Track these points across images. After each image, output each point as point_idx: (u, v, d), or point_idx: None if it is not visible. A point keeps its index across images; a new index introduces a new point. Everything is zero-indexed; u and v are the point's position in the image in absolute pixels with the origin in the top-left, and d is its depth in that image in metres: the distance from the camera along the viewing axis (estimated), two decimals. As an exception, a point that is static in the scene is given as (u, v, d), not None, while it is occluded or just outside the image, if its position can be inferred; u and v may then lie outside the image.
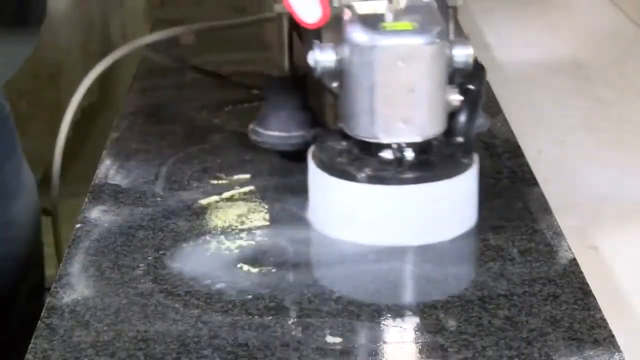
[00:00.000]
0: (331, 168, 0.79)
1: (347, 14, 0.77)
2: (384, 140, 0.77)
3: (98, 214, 0.86)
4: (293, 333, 0.69)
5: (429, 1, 0.80)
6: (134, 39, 1.12)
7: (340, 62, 0.76)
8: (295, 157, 0.89)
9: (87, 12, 1.99)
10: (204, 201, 0.88)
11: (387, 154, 0.77)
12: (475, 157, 0.80)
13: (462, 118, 0.81)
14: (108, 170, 0.95)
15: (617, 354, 0.66)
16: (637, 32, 1.51)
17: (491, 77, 1.19)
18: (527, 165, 0.93)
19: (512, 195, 0.87)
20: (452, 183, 0.78)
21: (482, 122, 0.89)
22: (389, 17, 0.76)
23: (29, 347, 0.69)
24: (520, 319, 0.69)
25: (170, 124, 1.07)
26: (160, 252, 0.80)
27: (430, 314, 0.70)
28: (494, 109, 1.08)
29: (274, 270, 0.77)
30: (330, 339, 0.68)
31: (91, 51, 1.96)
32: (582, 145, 1.16)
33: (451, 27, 0.87)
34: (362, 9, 0.77)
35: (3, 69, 1.02)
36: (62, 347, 0.69)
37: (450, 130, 0.80)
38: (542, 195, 0.87)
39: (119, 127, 1.06)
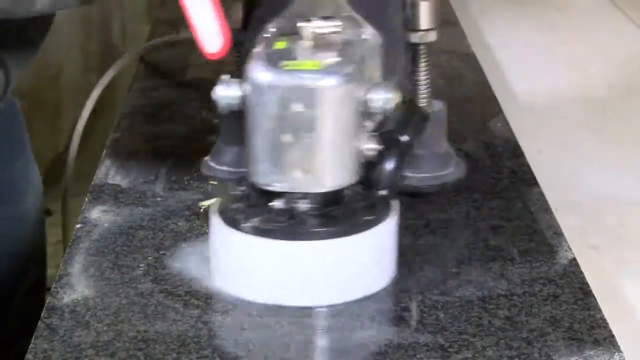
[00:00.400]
0: (223, 214, 0.73)
1: (258, 47, 0.71)
2: (281, 189, 0.71)
3: (98, 214, 0.86)
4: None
5: (368, 37, 0.74)
6: (134, 39, 1.12)
7: (243, 99, 0.71)
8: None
9: (87, 12, 1.99)
10: (204, 202, 0.88)
11: (280, 204, 0.72)
12: (394, 211, 0.74)
13: (387, 169, 0.76)
14: (108, 170, 0.95)
15: (617, 354, 0.66)
16: (637, 32, 1.51)
17: (491, 77, 1.20)
18: (527, 165, 0.94)
19: (512, 196, 0.88)
20: (351, 240, 0.71)
21: (452, 170, 0.86)
22: (299, 53, 0.70)
23: (29, 347, 0.69)
24: (521, 319, 0.69)
25: (170, 124, 1.07)
26: (161, 252, 0.80)
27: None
28: (495, 108, 1.09)
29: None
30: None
31: (91, 51, 1.96)
32: (582, 145, 1.16)
33: (422, 65, 0.84)
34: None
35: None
36: (62, 347, 0.69)
37: (373, 181, 0.75)
38: (542, 195, 0.87)
39: (119, 127, 1.06)
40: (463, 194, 0.87)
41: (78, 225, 0.85)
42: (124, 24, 1.97)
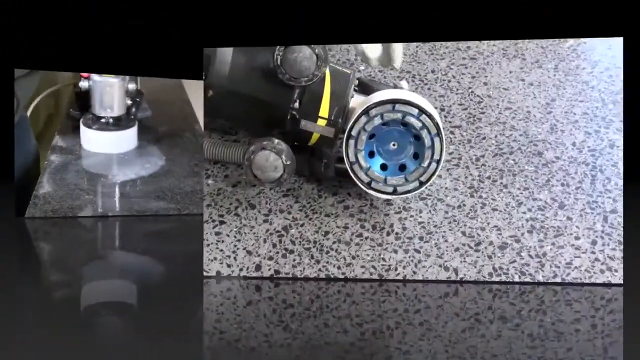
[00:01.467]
0: (85, 124, 0.93)
1: None
2: (102, 115, 0.93)
3: (56, 157, 0.95)
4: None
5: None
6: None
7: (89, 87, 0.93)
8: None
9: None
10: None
11: (104, 120, 0.93)
12: (135, 123, 0.95)
13: (133, 109, 0.96)
14: (57, 139, 0.99)
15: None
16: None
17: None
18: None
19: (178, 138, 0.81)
20: (126, 132, 0.94)
21: (148, 113, 1.01)
22: None
23: (25, 212, 0.81)
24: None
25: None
26: (83, 175, 0.92)
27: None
28: (195, 120, 1.03)
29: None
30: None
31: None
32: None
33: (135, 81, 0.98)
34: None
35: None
36: (40, 212, 0.85)
37: (128, 114, 0.95)
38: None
39: (64, 121, 1.02)
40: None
41: (46, 162, 0.94)
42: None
